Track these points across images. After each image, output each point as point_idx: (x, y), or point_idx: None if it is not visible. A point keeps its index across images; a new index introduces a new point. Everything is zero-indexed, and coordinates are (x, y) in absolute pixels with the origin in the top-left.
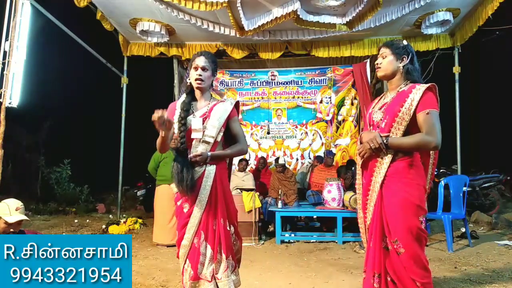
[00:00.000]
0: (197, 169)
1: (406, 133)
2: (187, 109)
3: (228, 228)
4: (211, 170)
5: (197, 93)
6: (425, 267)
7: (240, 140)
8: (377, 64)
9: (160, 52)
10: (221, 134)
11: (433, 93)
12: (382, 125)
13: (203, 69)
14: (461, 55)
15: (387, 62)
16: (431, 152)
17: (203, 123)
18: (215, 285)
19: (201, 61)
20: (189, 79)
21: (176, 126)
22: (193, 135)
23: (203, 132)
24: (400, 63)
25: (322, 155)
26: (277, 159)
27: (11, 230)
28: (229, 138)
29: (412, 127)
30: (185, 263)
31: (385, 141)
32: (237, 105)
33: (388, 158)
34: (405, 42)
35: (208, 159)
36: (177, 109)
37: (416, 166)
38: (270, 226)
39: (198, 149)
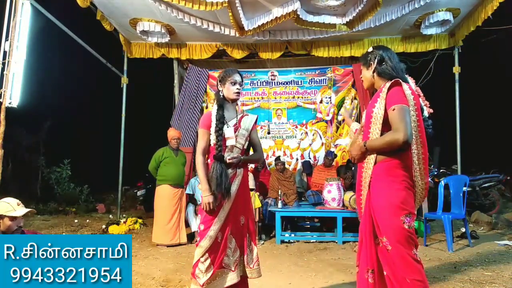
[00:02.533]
0: (230, 171)
1: (384, 132)
2: (222, 121)
3: (252, 222)
4: (240, 171)
5: (228, 104)
6: (414, 264)
7: (259, 149)
8: (361, 79)
9: (162, 54)
10: (247, 142)
11: (397, 88)
12: (366, 127)
13: (240, 84)
14: (461, 55)
15: (363, 75)
16: (413, 148)
17: (234, 132)
18: (238, 275)
19: (239, 77)
20: (222, 92)
21: (213, 136)
22: (228, 142)
23: (236, 139)
24: (370, 69)
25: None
26: (278, 157)
27: (18, 225)
28: (247, 147)
29: (389, 126)
30: (202, 256)
31: (364, 145)
32: (256, 119)
33: (371, 160)
34: (370, 49)
35: (241, 162)
36: (212, 121)
37: (399, 167)
38: (273, 232)
39: (232, 154)
